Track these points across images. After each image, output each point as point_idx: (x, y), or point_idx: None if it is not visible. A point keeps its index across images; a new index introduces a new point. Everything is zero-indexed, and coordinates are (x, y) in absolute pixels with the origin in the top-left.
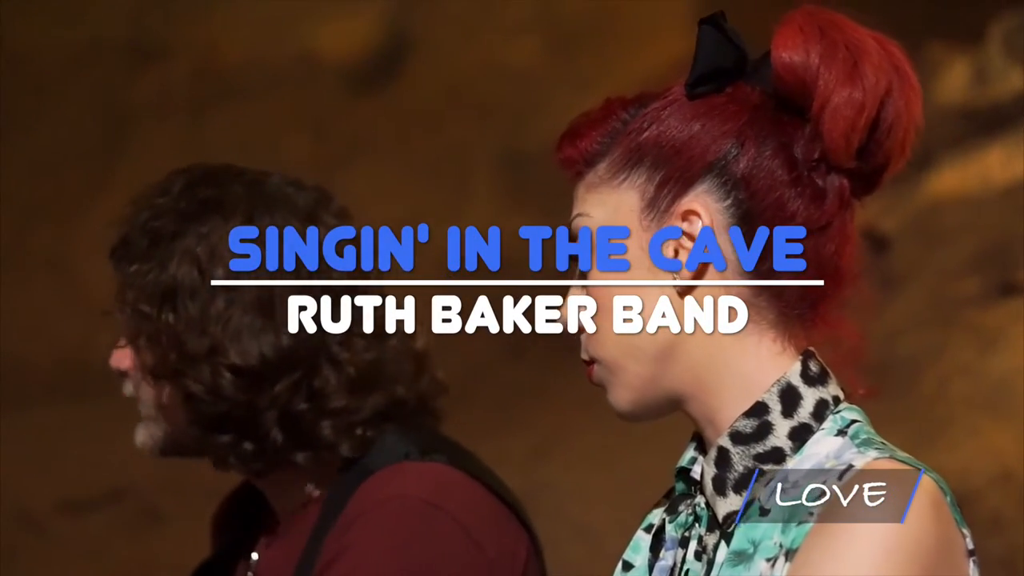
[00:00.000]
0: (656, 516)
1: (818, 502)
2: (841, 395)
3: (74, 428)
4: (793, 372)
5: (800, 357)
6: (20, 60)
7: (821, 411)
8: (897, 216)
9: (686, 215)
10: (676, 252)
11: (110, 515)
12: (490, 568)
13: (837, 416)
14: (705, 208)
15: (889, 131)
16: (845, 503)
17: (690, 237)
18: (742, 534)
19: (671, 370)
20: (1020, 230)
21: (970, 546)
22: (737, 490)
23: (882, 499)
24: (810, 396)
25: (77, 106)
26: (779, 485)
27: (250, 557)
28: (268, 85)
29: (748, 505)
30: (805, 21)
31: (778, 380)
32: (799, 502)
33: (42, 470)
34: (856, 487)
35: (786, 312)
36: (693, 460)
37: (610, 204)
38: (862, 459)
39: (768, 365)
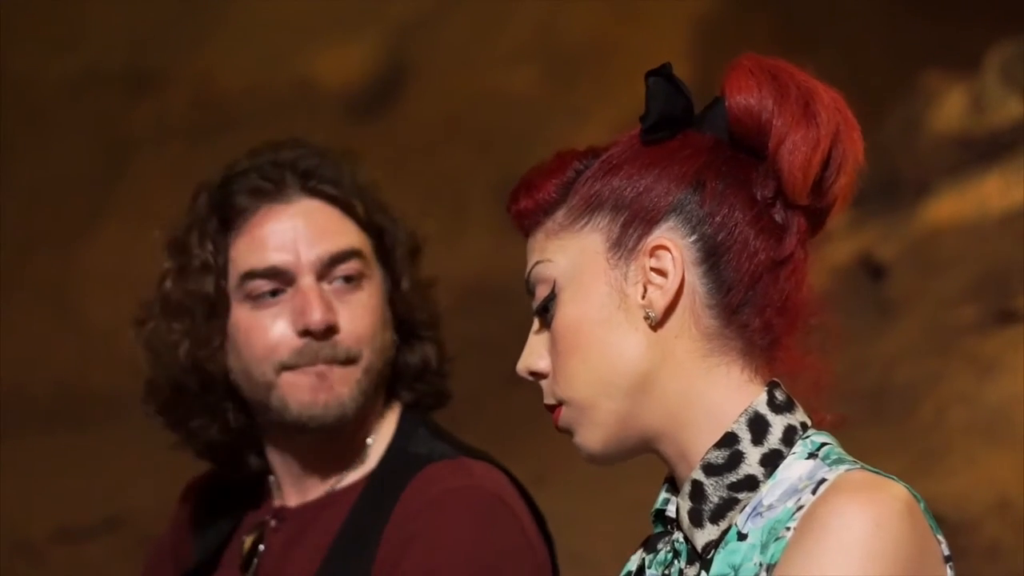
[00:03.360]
0: (634, 563)
1: (795, 517)
2: (808, 422)
3: (72, 456)
4: (759, 401)
5: (766, 387)
6: (19, 89)
7: (790, 436)
8: (895, 244)
9: (654, 251)
10: (645, 290)
11: (108, 543)
12: (539, 569)
13: (807, 440)
14: (673, 244)
15: (839, 170)
16: (820, 510)
17: (659, 272)
18: (722, 559)
19: (644, 406)
20: (1018, 258)
21: (946, 552)
22: (714, 520)
23: (858, 507)
24: (778, 423)
25: (76, 134)
26: (755, 509)
27: (242, 542)
28: (266, 113)
29: (725, 532)
30: (754, 65)
31: (745, 410)
32: (776, 522)
33: (40, 498)
34: (830, 496)
35: (752, 343)
36: (667, 501)
37: (573, 249)
38: (834, 473)
39: (736, 396)
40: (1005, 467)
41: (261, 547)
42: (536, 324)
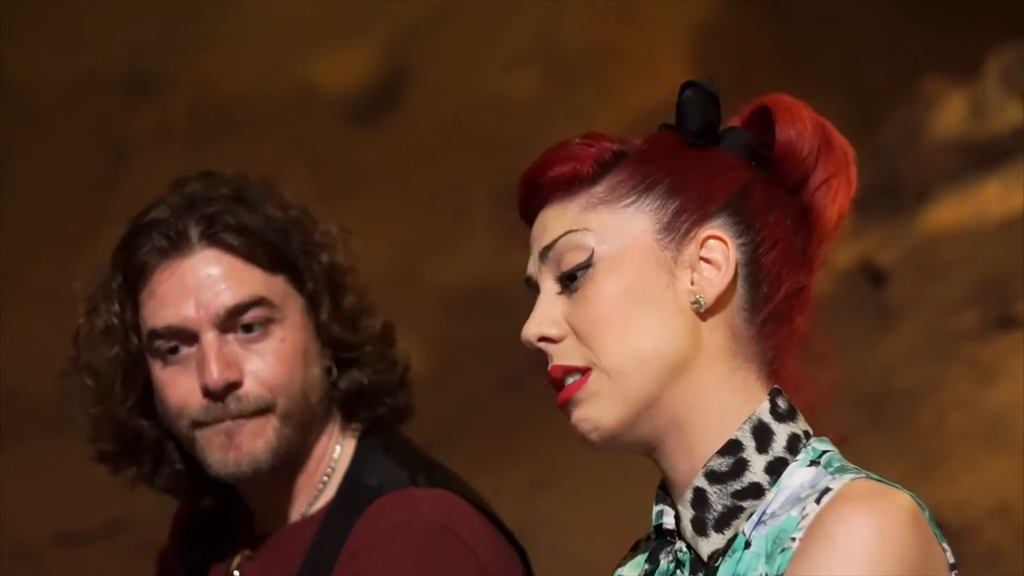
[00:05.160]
0: (631, 570)
1: (800, 527)
2: (810, 431)
3: (72, 461)
4: (763, 409)
5: (768, 395)
6: (20, 92)
7: (794, 444)
8: (895, 249)
9: (706, 241)
10: (692, 277)
11: (107, 547)
12: None
13: (809, 448)
14: (728, 239)
15: (838, 226)
16: (826, 520)
17: (708, 262)
18: (727, 568)
19: (672, 391)
20: (1018, 263)
21: (951, 560)
22: (718, 529)
23: (863, 515)
24: (782, 431)
25: (76, 139)
26: (760, 517)
27: (224, 572)
28: (266, 118)
29: (732, 539)
30: (797, 106)
31: (749, 417)
32: (781, 531)
33: (40, 503)
34: (836, 505)
35: (764, 354)
36: (661, 513)
37: (616, 223)
38: (838, 482)
39: (747, 401)
40: (1005, 472)
41: (236, 574)
42: (555, 289)
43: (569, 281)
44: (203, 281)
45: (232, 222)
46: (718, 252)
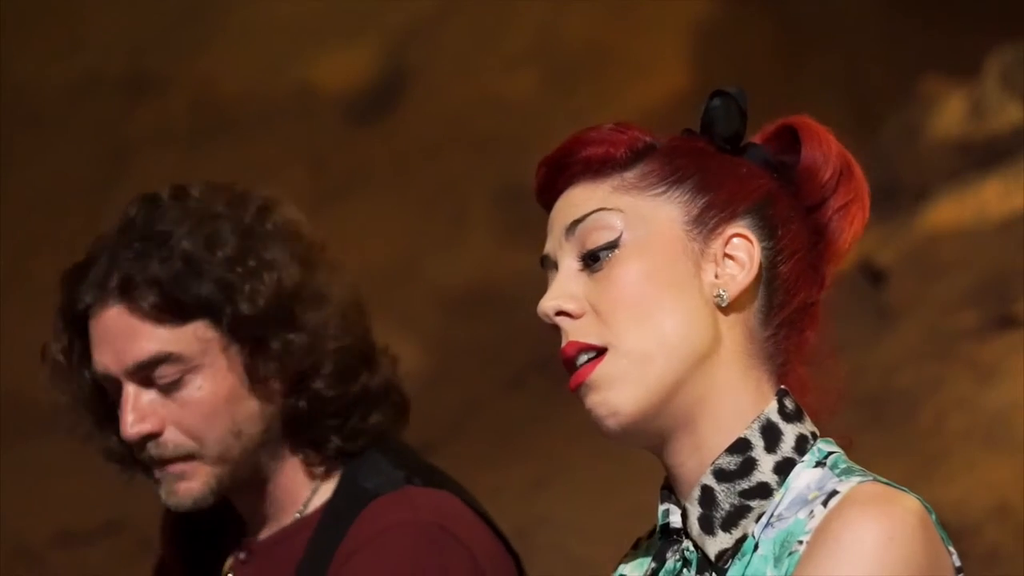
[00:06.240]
0: (634, 569)
1: (807, 530)
2: (817, 432)
3: (72, 461)
4: (771, 409)
5: (776, 396)
6: (20, 93)
7: (802, 445)
8: (894, 249)
9: (731, 238)
10: (717, 274)
11: (108, 547)
12: None
13: (815, 449)
14: (755, 239)
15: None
16: (833, 524)
17: (731, 258)
18: (736, 571)
19: (691, 382)
20: (1017, 263)
21: (957, 563)
22: (726, 528)
23: (870, 520)
24: (790, 432)
25: (76, 138)
26: (768, 520)
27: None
28: (266, 117)
29: (741, 541)
30: (822, 129)
31: (758, 417)
32: (788, 534)
33: (40, 502)
34: (843, 509)
35: (775, 360)
36: (667, 512)
37: (646, 210)
38: (846, 485)
39: (757, 401)
40: (1005, 472)
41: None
42: (576, 267)
43: (592, 261)
44: (116, 335)
45: (141, 279)
46: (743, 250)
